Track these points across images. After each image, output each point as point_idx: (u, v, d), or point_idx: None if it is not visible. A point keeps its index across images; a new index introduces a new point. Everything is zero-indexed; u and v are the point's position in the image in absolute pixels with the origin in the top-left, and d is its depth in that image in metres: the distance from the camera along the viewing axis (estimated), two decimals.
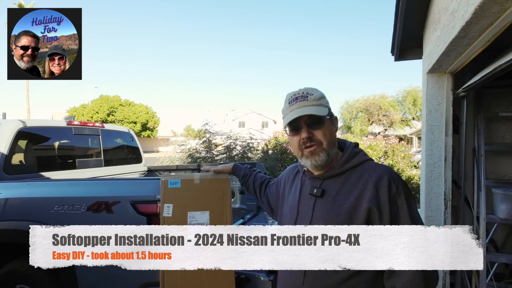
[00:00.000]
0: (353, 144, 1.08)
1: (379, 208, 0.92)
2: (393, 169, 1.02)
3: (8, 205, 2.13)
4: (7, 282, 2.09)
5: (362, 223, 0.92)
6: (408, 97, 20.78)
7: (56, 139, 3.06)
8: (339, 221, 0.94)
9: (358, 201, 0.94)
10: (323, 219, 0.97)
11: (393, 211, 0.92)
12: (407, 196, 0.93)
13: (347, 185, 0.98)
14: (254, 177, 1.49)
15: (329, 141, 1.02)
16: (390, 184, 0.93)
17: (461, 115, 2.28)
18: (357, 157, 1.02)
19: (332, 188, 1.00)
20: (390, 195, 0.92)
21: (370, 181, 0.94)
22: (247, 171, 1.53)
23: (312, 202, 1.02)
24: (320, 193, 1.01)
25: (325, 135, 1.01)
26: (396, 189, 0.93)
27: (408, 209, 0.93)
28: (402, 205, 0.92)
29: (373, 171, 0.97)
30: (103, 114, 32.56)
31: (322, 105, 1.03)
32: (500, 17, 1.22)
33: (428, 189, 2.21)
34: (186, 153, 7.34)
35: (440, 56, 1.82)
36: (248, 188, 1.52)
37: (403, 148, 8.24)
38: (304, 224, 1.01)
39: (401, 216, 0.92)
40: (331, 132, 1.03)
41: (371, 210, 0.92)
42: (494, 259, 2.24)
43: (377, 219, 0.92)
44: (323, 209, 0.99)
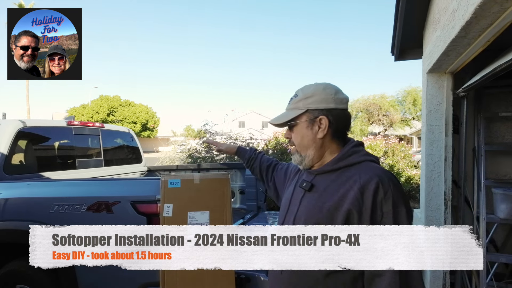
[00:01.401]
0: (354, 143, 1.04)
1: (359, 212, 0.88)
2: (388, 173, 0.92)
3: (8, 205, 2.13)
4: (7, 282, 2.09)
5: (340, 224, 0.90)
6: (408, 97, 20.78)
7: (56, 139, 3.06)
8: (320, 218, 0.93)
9: (341, 201, 0.91)
10: (305, 214, 0.97)
11: (375, 217, 0.88)
12: (396, 203, 0.88)
13: (336, 183, 0.96)
14: (261, 160, 1.46)
15: (299, 143, 1.03)
16: (377, 189, 0.87)
17: (461, 115, 2.28)
18: (353, 156, 0.99)
19: (322, 184, 0.99)
20: (375, 200, 0.87)
21: (357, 183, 0.91)
22: (252, 154, 1.50)
23: (300, 195, 1.02)
24: (308, 187, 1.00)
25: (296, 138, 1.04)
26: (383, 195, 0.87)
27: (394, 217, 0.87)
28: (387, 212, 0.87)
29: (364, 173, 0.92)
30: (103, 114, 32.56)
31: (298, 108, 1.02)
32: (500, 17, 1.22)
33: (428, 189, 2.21)
34: (186, 153, 7.33)
35: (440, 56, 1.82)
36: (253, 171, 1.49)
37: (403, 148, 8.24)
38: (290, 218, 1.02)
39: (383, 224, 0.87)
40: (302, 134, 1.02)
41: (350, 213, 0.89)
42: (494, 259, 2.24)
43: (356, 222, 0.89)
44: (308, 204, 0.98)
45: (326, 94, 1.00)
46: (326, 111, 0.99)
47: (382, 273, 0.86)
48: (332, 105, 0.99)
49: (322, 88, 1.01)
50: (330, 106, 0.99)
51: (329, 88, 1.01)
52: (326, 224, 0.91)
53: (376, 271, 0.87)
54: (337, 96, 1.00)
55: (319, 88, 1.01)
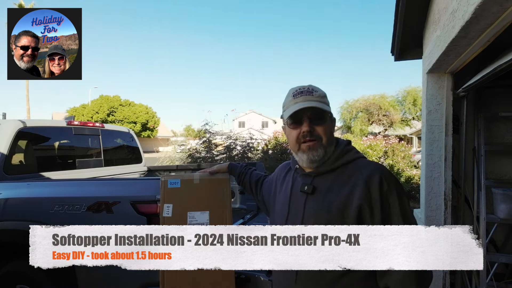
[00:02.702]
0: (345, 142, 1.08)
1: (370, 205, 0.91)
2: (384, 166, 0.99)
3: (8, 205, 2.13)
4: (7, 282, 2.09)
5: (353, 220, 0.91)
6: (408, 97, 20.80)
7: (56, 139, 3.06)
8: (330, 219, 0.93)
9: (349, 198, 0.93)
10: (314, 217, 0.97)
11: (384, 209, 0.91)
12: (399, 194, 0.93)
13: (338, 182, 0.98)
14: (250, 175, 1.48)
15: (329, 138, 1.03)
16: (381, 181, 0.92)
17: (461, 115, 2.28)
18: (348, 155, 1.02)
19: (323, 185, 1.00)
20: (382, 192, 0.91)
21: (361, 178, 0.94)
22: (243, 169, 1.52)
23: (303, 199, 1.01)
24: (311, 190, 1.00)
25: (326, 132, 1.02)
26: (387, 186, 0.92)
27: (400, 207, 0.92)
28: (394, 203, 0.92)
29: (364, 168, 0.96)
30: (103, 114, 32.55)
31: (326, 103, 1.05)
32: (500, 17, 1.22)
33: (428, 189, 2.21)
34: (186, 153, 7.33)
35: (440, 56, 1.82)
36: (244, 186, 1.51)
37: (403, 148, 8.24)
38: (295, 222, 1.00)
39: (393, 214, 0.91)
40: (331, 130, 1.04)
41: (362, 207, 0.91)
42: (494, 259, 2.24)
43: (368, 216, 0.91)
44: (314, 206, 0.98)
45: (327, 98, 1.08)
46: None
47: None
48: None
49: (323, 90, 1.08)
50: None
51: None
52: (337, 223, 0.92)
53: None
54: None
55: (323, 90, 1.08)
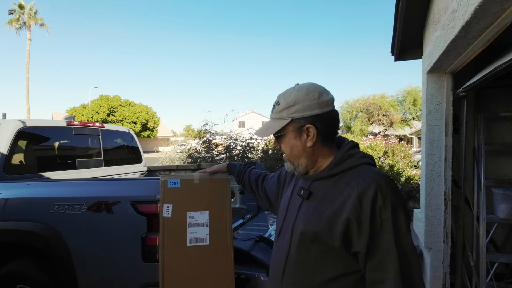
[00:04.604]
0: (349, 145, 1.00)
1: (358, 220, 0.85)
2: (386, 177, 0.90)
3: (8, 205, 2.13)
4: (7, 282, 2.09)
5: (340, 233, 0.87)
6: (408, 97, 20.81)
7: (56, 139, 3.06)
8: (319, 227, 0.90)
9: (340, 210, 0.88)
10: (304, 222, 0.95)
11: (375, 225, 0.85)
12: (394, 209, 0.85)
13: (334, 191, 0.93)
14: (249, 173, 1.49)
15: (290, 153, 1.00)
16: (375, 196, 0.85)
17: (461, 115, 2.28)
18: (349, 160, 0.95)
19: (320, 191, 0.97)
20: (374, 208, 0.85)
21: (355, 190, 0.88)
22: (242, 168, 1.52)
23: (298, 203, 1.00)
24: (306, 195, 0.98)
25: (285, 149, 1.00)
26: (382, 202, 0.85)
27: (394, 224, 0.84)
28: (387, 219, 0.84)
29: (361, 179, 0.89)
30: (103, 114, 32.54)
31: (282, 117, 0.97)
32: (500, 17, 1.22)
33: (428, 189, 2.21)
34: (186, 153, 7.33)
35: (440, 56, 1.82)
36: (244, 185, 1.51)
37: (403, 148, 8.24)
38: (289, 225, 1.00)
39: (384, 231, 0.84)
40: (291, 145, 0.98)
41: (349, 222, 0.86)
42: (494, 259, 2.24)
43: (355, 231, 0.86)
44: (307, 211, 0.96)
45: (310, 100, 0.93)
46: (312, 118, 0.94)
47: (383, 280, 0.84)
48: (317, 111, 0.93)
49: (304, 93, 0.95)
50: (315, 112, 0.93)
51: (312, 92, 0.95)
52: (325, 232, 0.89)
53: (377, 277, 0.85)
54: (322, 100, 0.94)
55: (301, 94, 0.95)
